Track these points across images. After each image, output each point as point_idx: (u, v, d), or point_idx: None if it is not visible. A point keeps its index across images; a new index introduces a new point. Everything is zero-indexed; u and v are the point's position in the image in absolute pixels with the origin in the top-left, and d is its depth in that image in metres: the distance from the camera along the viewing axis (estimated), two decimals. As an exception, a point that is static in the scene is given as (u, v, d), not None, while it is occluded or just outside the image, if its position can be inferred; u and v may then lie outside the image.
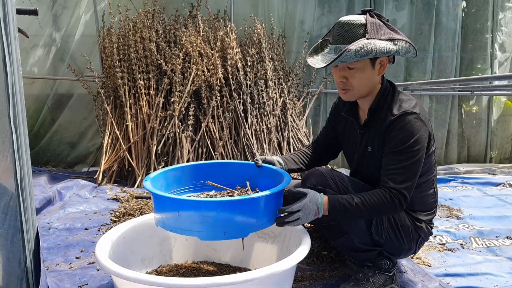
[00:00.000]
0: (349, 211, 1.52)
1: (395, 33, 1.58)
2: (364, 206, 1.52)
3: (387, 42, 1.53)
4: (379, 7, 4.44)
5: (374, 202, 1.52)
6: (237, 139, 3.68)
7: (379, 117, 1.64)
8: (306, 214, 1.48)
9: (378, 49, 1.51)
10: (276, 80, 3.92)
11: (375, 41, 1.51)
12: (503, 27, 4.71)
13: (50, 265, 1.95)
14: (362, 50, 1.49)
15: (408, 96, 1.66)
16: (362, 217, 1.59)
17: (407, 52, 1.59)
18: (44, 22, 4.10)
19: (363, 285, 1.66)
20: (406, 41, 1.57)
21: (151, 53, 3.72)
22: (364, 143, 1.70)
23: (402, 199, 1.52)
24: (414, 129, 1.54)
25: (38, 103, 4.22)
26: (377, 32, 1.54)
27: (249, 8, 4.31)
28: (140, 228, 1.81)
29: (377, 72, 1.62)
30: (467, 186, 3.69)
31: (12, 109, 1.25)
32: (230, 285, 1.29)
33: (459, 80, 3.85)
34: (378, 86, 1.67)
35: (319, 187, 1.62)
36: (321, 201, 1.52)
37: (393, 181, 1.53)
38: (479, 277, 1.92)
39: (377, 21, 1.57)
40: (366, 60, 1.57)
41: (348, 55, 1.50)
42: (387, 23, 1.60)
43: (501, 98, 4.88)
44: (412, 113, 1.56)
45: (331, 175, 1.65)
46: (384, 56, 1.60)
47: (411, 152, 1.53)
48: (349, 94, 1.66)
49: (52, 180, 3.48)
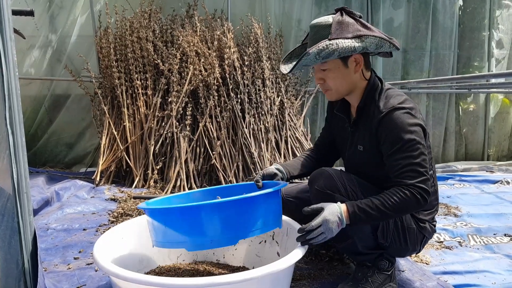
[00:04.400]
0: (371, 215, 1.47)
1: (366, 29, 1.55)
2: (385, 207, 1.46)
3: (352, 40, 1.51)
4: (376, 5, 4.44)
5: (395, 202, 1.46)
6: (235, 139, 3.68)
7: (367, 114, 1.63)
8: (328, 228, 1.43)
9: (342, 49, 1.50)
10: (273, 79, 3.92)
11: (338, 40, 1.50)
12: (500, 24, 4.72)
13: (48, 266, 1.95)
14: (323, 52, 1.49)
15: (397, 92, 1.63)
16: (386, 218, 1.55)
17: (378, 47, 1.57)
18: (41, 23, 4.09)
19: (362, 284, 1.65)
20: (375, 37, 1.54)
21: (148, 53, 3.71)
22: (355, 141, 1.69)
23: (423, 193, 1.47)
24: (404, 123, 1.51)
25: (35, 104, 4.21)
26: (343, 31, 1.52)
27: (246, 8, 4.31)
28: (138, 228, 1.81)
29: (352, 70, 1.60)
30: (464, 184, 3.69)
31: (8, 110, 1.25)
32: (228, 285, 1.29)
33: (456, 78, 3.86)
34: (363, 83, 1.65)
35: (328, 191, 1.58)
36: (340, 210, 1.46)
37: (409, 178, 1.47)
38: (477, 275, 1.92)
39: (345, 19, 1.55)
40: (337, 60, 1.57)
41: (308, 59, 1.51)
42: (359, 20, 1.57)
43: (498, 96, 4.89)
44: (400, 108, 1.53)
45: (340, 178, 1.61)
46: (357, 54, 1.58)
47: (411, 147, 1.49)
48: (329, 94, 1.67)
49: (49, 181, 3.48)
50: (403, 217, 1.62)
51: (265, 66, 3.84)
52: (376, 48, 1.56)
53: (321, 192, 1.59)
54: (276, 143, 3.74)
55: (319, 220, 1.43)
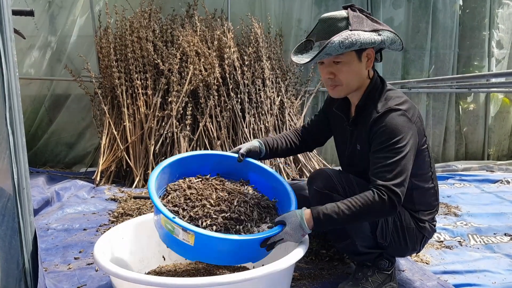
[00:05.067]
0: (336, 221, 1.44)
1: (379, 24, 1.56)
2: (351, 211, 1.42)
3: (371, 33, 1.52)
4: (376, 5, 4.44)
5: (361, 205, 1.42)
6: (235, 139, 3.68)
7: (366, 114, 1.62)
8: (290, 238, 1.47)
9: (363, 40, 1.49)
10: (273, 79, 3.92)
11: (359, 32, 1.50)
12: (500, 24, 4.71)
13: (48, 266, 1.95)
14: (347, 41, 1.48)
15: (397, 93, 1.62)
16: (351, 223, 1.52)
17: (392, 43, 1.57)
18: (41, 23, 4.09)
19: (362, 284, 1.65)
20: (390, 31, 1.55)
21: (148, 53, 3.71)
22: (354, 141, 1.69)
23: (392, 196, 1.41)
24: (398, 126, 1.49)
25: (35, 104, 4.21)
26: (360, 23, 1.53)
27: (246, 7, 4.30)
28: (138, 228, 1.81)
29: (364, 65, 1.60)
30: (465, 184, 3.69)
31: (8, 110, 1.25)
32: (228, 285, 1.29)
33: (457, 77, 3.86)
34: (367, 81, 1.64)
35: (326, 192, 1.59)
36: (302, 219, 1.45)
37: (381, 179, 1.44)
38: (477, 274, 1.92)
39: (359, 14, 1.56)
40: (352, 53, 1.56)
41: (332, 47, 1.48)
42: (369, 16, 1.58)
43: (498, 95, 4.89)
44: (397, 110, 1.52)
45: (339, 178, 1.61)
46: (370, 49, 1.58)
47: (397, 149, 1.47)
48: (337, 90, 1.63)
49: (50, 181, 3.48)
50: (402, 217, 1.62)
51: (265, 66, 3.84)
52: (391, 43, 1.57)
53: (320, 193, 1.60)
54: (276, 143, 3.73)
55: (280, 235, 1.46)
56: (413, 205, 1.65)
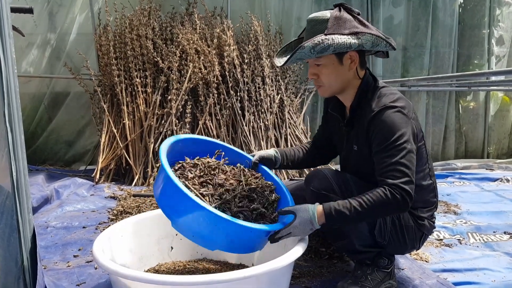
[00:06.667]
0: (348, 217, 1.44)
1: (363, 26, 1.53)
2: (363, 208, 1.43)
3: (348, 37, 1.50)
4: (376, 3, 4.43)
5: (374, 203, 1.43)
6: (235, 137, 3.68)
7: (360, 114, 1.62)
8: (298, 232, 1.46)
9: (337, 44, 1.48)
10: (273, 77, 3.91)
11: (334, 36, 1.49)
12: (500, 22, 4.71)
13: (47, 264, 1.95)
14: (318, 46, 1.48)
15: (390, 90, 1.62)
16: (364, 220, 1.54)
17: (374, 46, 1.55)
18: (40, 21, 4.08)
19: (361, 282, 1.65)
20: (372, 35, 1.52)
21: (148, 51, 3.71)
22: (350, 141, 1.69)
23: (405, 195, 1.43)
24: (395, 122, 1.49)
25: (34, 101, 4.20)
26: (340, 26, 1.51)
27: (246, 5, 4.30)
28: (138, 226, 1.81)
29: (347, 67, 1.59)
30: (464, 182, 3.69)
31: (7, 108, 1.25)
32: (227, 282, 1.29)
33: (456, 76, 3.86)
34: (356, 81, 1.63)
35: (323, 192, 1.58)
36: (313, 215, 1.45)
37: (391, 178, 1.45)
38: (476, 272, 1.92)
39: (343, 15, 1.53)
40: (332, 56, 1.55)
41: (303, 52, 1.50)
42: (356, 16, 1.56)
43: (498, 94, 4.89)
44: (392, 107, 1.52)
45: (336, 178, 1.61)
46: (353, 51, 1.57)
47: (398, 146, 1.47)
48: (321, 90, 1.65)
49: (49, 178, 3.48)
50: (401, 215, 1.62)
51: (265, 64, 3.84)
52: (372, 46, 1.54)
53: (316, 193, 1.59)
54: (276, 141, 3.74)
55: (288, 229, 1.45)
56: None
